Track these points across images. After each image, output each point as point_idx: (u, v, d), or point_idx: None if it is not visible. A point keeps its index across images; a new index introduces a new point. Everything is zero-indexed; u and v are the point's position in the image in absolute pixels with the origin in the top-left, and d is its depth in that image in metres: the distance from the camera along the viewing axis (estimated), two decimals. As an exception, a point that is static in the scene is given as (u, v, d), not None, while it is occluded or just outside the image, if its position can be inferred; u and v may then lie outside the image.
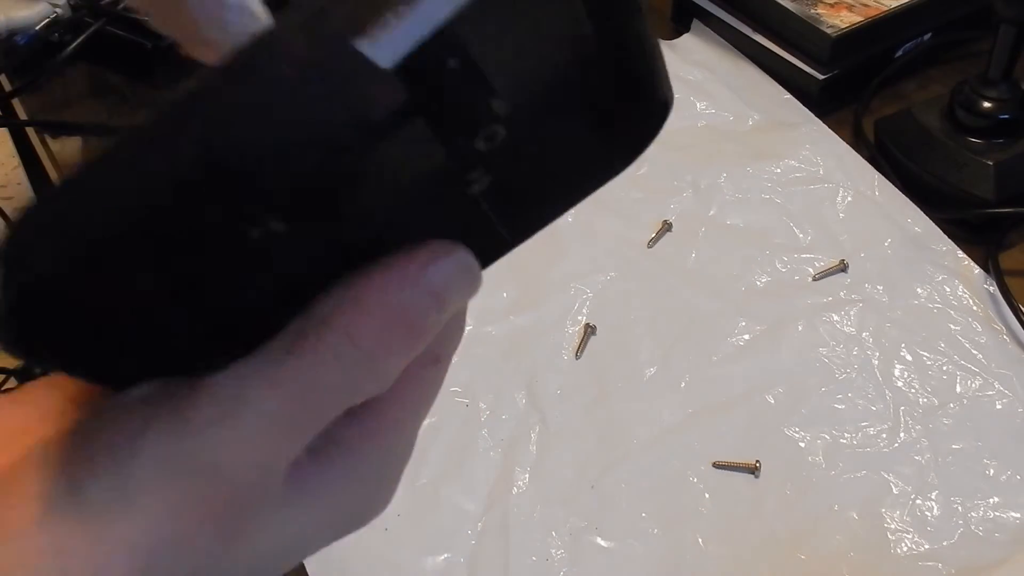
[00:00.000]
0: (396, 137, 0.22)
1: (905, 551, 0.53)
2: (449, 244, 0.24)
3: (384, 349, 0.23)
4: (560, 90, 0.24)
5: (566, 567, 0.53)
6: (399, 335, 0.23)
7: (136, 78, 0.83)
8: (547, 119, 0.25)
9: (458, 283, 0.24)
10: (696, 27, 0.86)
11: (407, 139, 0.22)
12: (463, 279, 0.24)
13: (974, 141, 0.70)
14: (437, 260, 0.23)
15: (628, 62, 0.25)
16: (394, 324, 0.23)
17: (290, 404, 0.22)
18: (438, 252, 0.23)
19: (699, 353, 0.62)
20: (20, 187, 1.76)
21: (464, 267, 0.24)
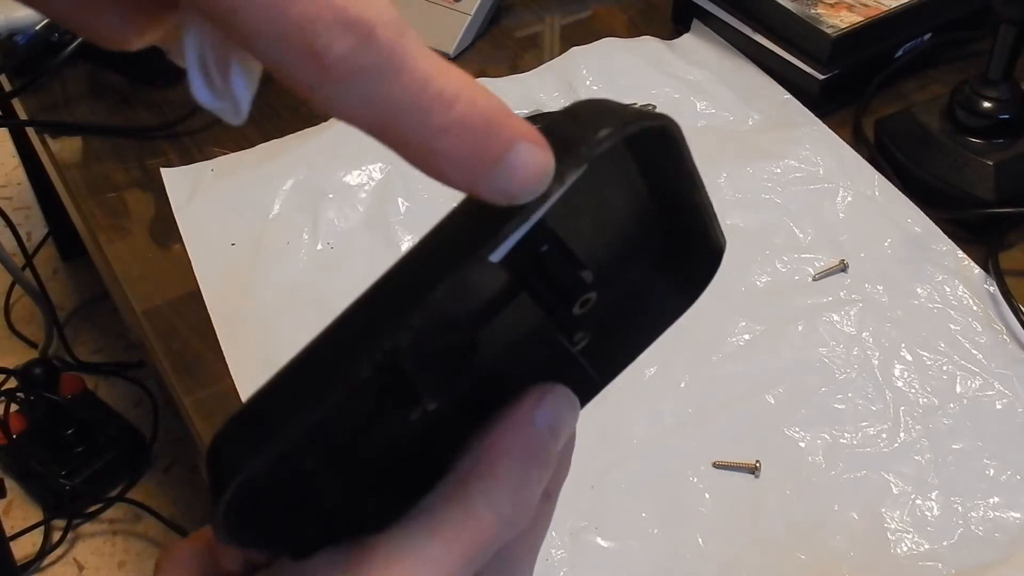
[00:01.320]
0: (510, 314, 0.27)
1: (905, 551, 0.53)
2: (550, 384, 0.29)
3: (523, 481, 0.27)
4: (636, 255, 0.30)
5: (566, 567, 0.53)
6: (532, 466, 0.27)
7: (136, 78, 0.83)
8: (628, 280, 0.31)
9: (564, 413, 0.29)
10: (696, 27, 0.86)
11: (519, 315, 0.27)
12: (567, 409, 0.29)
13: (974, 141, 0.70)
14: (544, 398, 0.28)
15: (688, 226, 0.30)
16: (526, 457, 0.27)
17: (451, 546, 0.25)
18: (544, 392, 0.28)
19: (699, 353, 0.62)
20: (20, 187, 1.76)
21: (567, 398, 0.29)
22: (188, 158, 0.76)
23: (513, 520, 0.27)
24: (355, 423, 0.26)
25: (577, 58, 0.82)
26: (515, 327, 0.29)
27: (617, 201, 0.28)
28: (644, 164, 0.28)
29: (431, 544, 0.25)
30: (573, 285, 0.26)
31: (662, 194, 0.29)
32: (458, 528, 0.26)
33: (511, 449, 0.27)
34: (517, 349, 0.28)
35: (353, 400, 0.23)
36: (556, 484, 0.31)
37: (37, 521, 1.36)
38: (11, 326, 1.59)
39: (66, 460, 1.36)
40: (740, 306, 0.64)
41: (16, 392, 1.37)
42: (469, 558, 0.26)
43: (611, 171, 0.27)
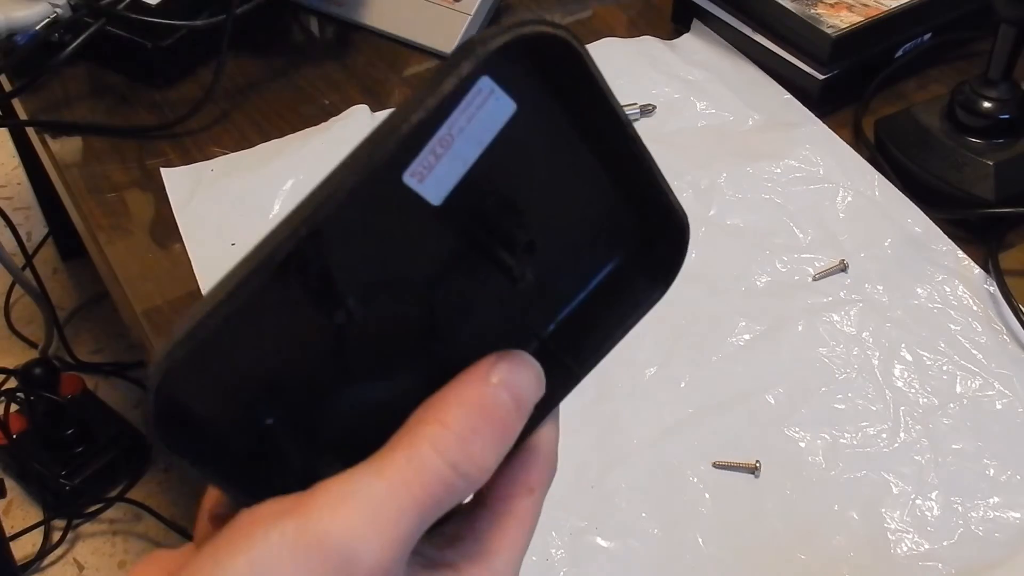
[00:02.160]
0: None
1: (905, 551, 0.53)
2: (509, 350, 0.28)
3: (473, 430, 0.26)
4: (580, 215, 0.30)
5: (566, 567, 0.53)
6: (484, 420, 0.27)
7: (136, 78, 0.83)
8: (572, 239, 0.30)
9: (523, 376, 0.28)
10: (696, 27, 0.86)
11: (484, 294, 0.28)
12: (526, 373, 0.28)
13: (974, 141, 0.70)
14: (502, 359, 0.28)
15: (635, 183, 0.30)
16: (478, 410, 0.27)
17: (397, 489, 0.25)
18: (503, 354, 0.28)
19: (699, 353, 0.62)
20: (20, 187, 1.76)
21: (526, 363, 0.28)
22: (188, 158, 0.76)
23: (463, 470, 0.26)
24: (285, 337, 0.26)
25: (577, 58, 0.82)
26: (482, 309, 0.29)
27: (548, 150, 0.28)
28: (561, 98, 0.28)
29: (374, 484, 0.25)
30: (515, 234, 0.27)
31: (592, 140, 0.29)
32: (403, 469, 0.25)
33: (461, 400, 0.27)
34: (486, 339, 0.28)
35: (268, 296, 0.24)
36: (538, 480, 0.30)
37: (37, 521, 1.36)
38: (11, 326, 1.59)
39: (66, 460, 1.36)
40: (740, 306, 0.64)
41: (16, 392, 1.37)
42: (416, 500, 0.25)
43: (530, 108, 0.27)
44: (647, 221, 0.32)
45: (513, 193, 0.28)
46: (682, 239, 0.32)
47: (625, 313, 0.32)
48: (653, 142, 0.29)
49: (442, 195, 0.26)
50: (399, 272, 0.27)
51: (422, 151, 0.25)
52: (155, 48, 0.80)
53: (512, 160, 0.27)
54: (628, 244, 0.32)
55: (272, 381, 0.26)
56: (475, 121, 0.25)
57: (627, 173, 0.30)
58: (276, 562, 0.23)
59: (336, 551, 0.24)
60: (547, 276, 0.30)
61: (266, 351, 0.26)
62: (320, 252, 0.25)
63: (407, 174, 0.25)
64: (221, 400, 0.26)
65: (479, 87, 0.25)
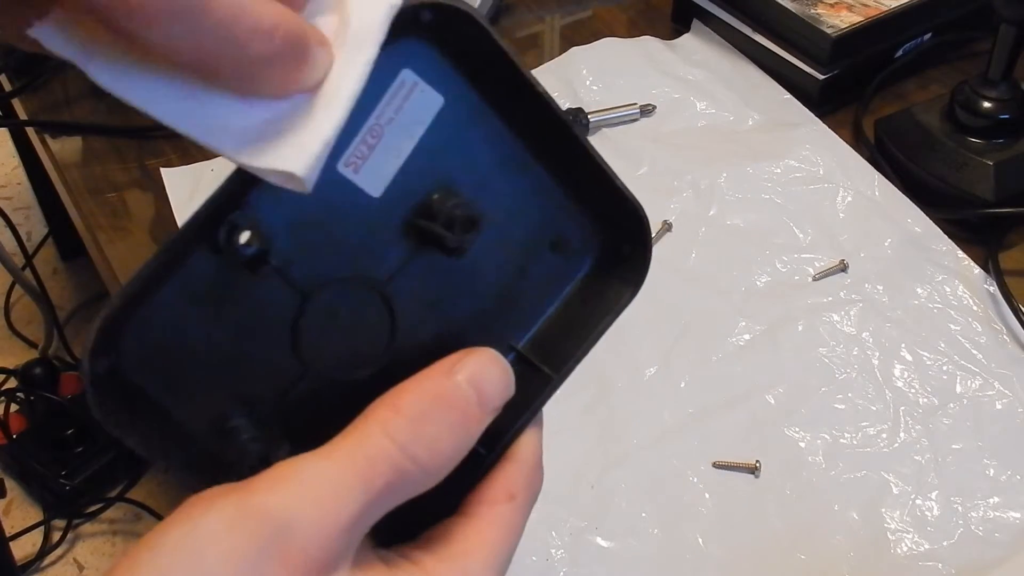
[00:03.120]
0: (407, 259, 0.28)
1: (905, 551, 0.53)
2: (478, 347, 0.28)
3: (424, 416, 0.26)
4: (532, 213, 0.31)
5: (566, 567, 0.53)
6: (438, 407, 0.26)
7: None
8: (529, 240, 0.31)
9: (489, 371, 0.27)
10: (696, 27, 0.86)
11: (416, 261, 0.28)
12: (493, 368, 0.28)
13: (974, 141, 0.70)
14: (468, 354, 0.27)
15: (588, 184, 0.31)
16: (432, 399, 0.26)
17: (341, 467, 0.24)
18: (470, 351, 0.28)
19: (699, 353, 0.62)
20: (20, 187, 1.76)
21: (493, 359, 0.28)
22: (188, 158, 0.76)
23: (412, 452, 0.25)
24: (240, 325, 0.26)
25: (577, 58, 0.82)
26: (446, 309, 0.30)
27: (485, 143, 0.29)
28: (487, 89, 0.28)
29: (319, 464, 0.25)
30: (453, 211, 0.28)
31: (528, 131, 0.30)
32: (350, 450, 0.25)
33: (418, 388, 0.26)
34: (457, 345, 0.29)
35: (204, 266, 0.25)
36: (519, 487, 0.30)
37: (37, 521, 1.36)
38: (11, 326, 1.59)
39: (66, 460, 1.36)
40: (740, 306, 0.64)
41: (16, 392, 1.37)
42: (361, 479, 0.24)
43: (459, 102, 0.28)
44: (605, 218, 0.32)
45: (456, 185, 0.28)
46: (640, 231, 0.32)
47: (599, 317, 0.32)
48: (653, 142, 0.30)
49: (381, 187, 0.27)
50: (351, 265, 0.28)
51: (353, 141, 0.26)
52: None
53: (450, 154, 0.28)
54: (594, 246, 0.33)
55: (230, 372, 0.27)
56: (403, 113, 0.27)
57: (572, 166, 0.30)
58: (211, 534, 0.23)
59: (271, 523, 0.23)
60: (515, 283, 0.31)
61: (221, 339, 0.26)
62: (251, 225, 0.25)
63: (341, 163, 0.26)
64: (178, 387, 0.26)
65: (401, 79, 0.26)
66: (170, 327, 0.25)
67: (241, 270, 0.26)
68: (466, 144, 0.28)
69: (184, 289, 0.25)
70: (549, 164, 0.30)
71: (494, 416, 0.28)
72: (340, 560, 0.25)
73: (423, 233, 0.28)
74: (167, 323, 0.25)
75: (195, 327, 0.26)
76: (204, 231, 0.25)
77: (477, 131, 0.29)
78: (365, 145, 0.26)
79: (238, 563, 0.23)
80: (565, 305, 0.33)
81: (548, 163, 0.30)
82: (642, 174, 0.73)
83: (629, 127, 0.77)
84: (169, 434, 0.26)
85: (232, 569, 0.23)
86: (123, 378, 0.25)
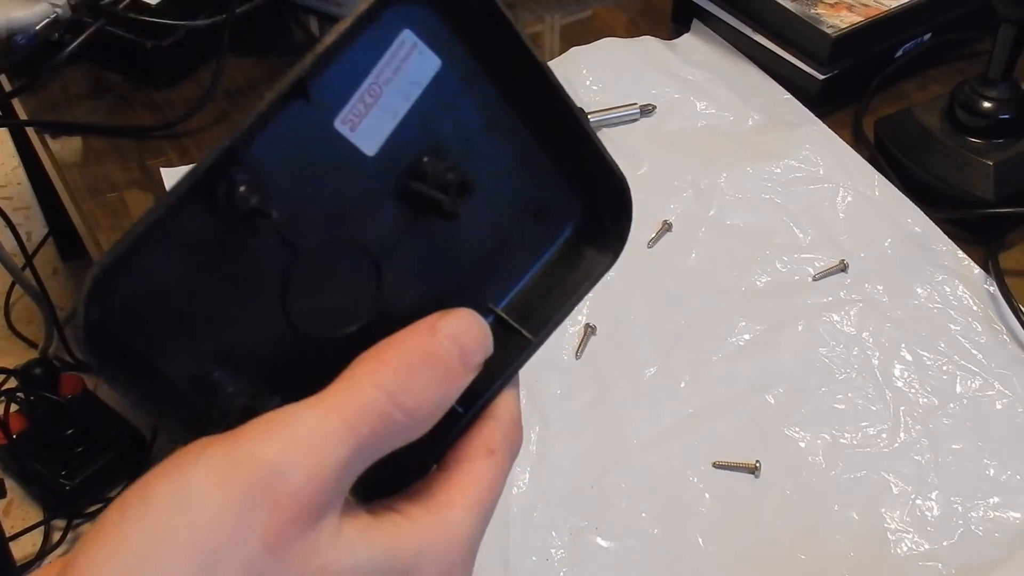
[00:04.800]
0: (397, 219, 0.28)
1: (905, 551, 0.53)
2: (457, 307, 0.29)
3: (411, 368, 0.26)
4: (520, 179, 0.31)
5: (566, 567, 0.53)
6: (424, 360, 0.27)
7: (136, 78, 0.83)
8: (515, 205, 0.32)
9: (470, 329, 0.28)
10: (696, 27, 0.86)
11: (406, 222, 0.29)
12: (474, 327, 0.28)
13: (974, 141, 0.70)
14: (448, 314, 0.28)
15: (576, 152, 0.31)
16: (418, 352, 0.27)
17: (329, 415, 0.25)
18: (448, 311, 0.28)
19: (699, 353, 0.62)
20: (20, 187, 1.76)
21: (472, 317, 0.29)
22: (188, 158, 0.76)
23: (400, 400, 0.26)
24: (231, 280, 0.26)
25: (577, 58, 0.82)
26: (431, 270, 0.30)
27: (478, 109, 0.30)
28: (485, 54, 0.29)
29: (307, 413, 0.25)
30: (445, 173, 0.28)
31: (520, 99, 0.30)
32: (338, 398, 0.25)
33: (403, 343, 0.27)
34: (439, 306, 0.29)
35: (200, 221, 0.25)
36: (499, 442, 0.30)
37: (37, 521, 1.36)
38: (11, 326, 1.59)
39: (66, 460, 1.36)
40: (740, 306, 0.64)
41: (16, 392, 1.37)
42: (349, 426, 0.25)
43: (455, 65, 0.28)
44: (590, 188, 0.32)
45: (446, 149, 0.29)
46: (624, 203, 0.32)
47: (577, 282, 0.33)
48: (653, 142, 0.30)
49: (376, 146, 0.27)
50: (343, 223, 0.28)
51: (351, 99, 0.26)
52: (155, 48, 0.80)
53: (442, 117, 0.28)
54: (576, 214, 0.33)
55: (216, 326, 0.27)
56: (401, 74, 0.27)
57: (560, 134, 0.31)
58: (202, 484, 0.23)
59: (262, 470, 0.23)
60: (497, 247, 0.31)
61: (210, 293, 0.26)
62: (250, 180, 0.25)
63: (338, 121, 0.26)
64: (164, 338, 0.26)
65: (402, 39, 0.27)
66: (161, 279, 0.25)
67: (238, 225, 0.26)
68: (459, 108, 0.29)
69: (178, 242, 0.25)
70: (537, 131, 0.31)
71: (475, 373, 0.28)
72: (330, 506, 0.25)
73: (417, 195, 0.28)
74: (159, 275, 0.25)
75: (185, 280, 0.26)
76: (202, 185, 0.25)
77: (470, 95, 0.29)
78: (363, 104, 0.27)
79: (230, 511, 0.23)
80: (544, 270, 0.33)
81: (536, 130, 0.31)
82: (642, 174, 0.73)
83: (629, 127, 0.77)
84: (156, 385, 0.26)
85: (224, 517, 0.23)
86: (114, 327, 0.25)
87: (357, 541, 0.25)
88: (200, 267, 0.26)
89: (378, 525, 0.26)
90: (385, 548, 0.26)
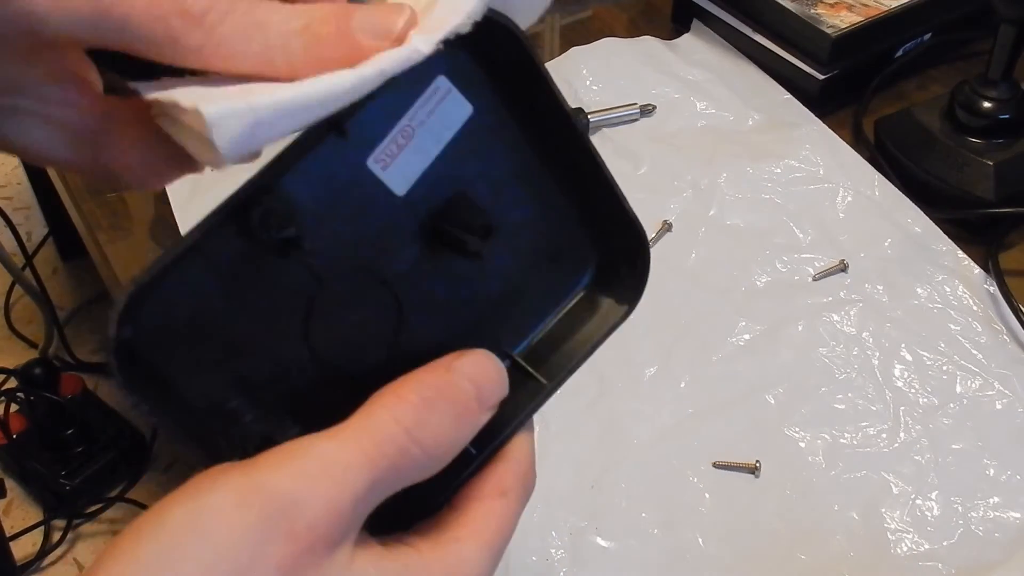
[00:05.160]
0: (421, 258, 0.29)
1: (905, 551, 0.53)
2: (475, 349, 0.29)
3: (429, 404, 0.27)
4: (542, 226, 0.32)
5: (566, 567, 0.53)
6: (441, 397, 0.27)
7: (136, 78, 0.83)
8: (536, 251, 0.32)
9: (487, 370, 0.29)
10: (696, 27, 0.86)
11: (430, 261, 0.29)
12: (491, 368, 0.29)
13: (974, 141, 0.70)
14: (465, 354, 0.29)
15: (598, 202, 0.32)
16: (435, 390, 0.27)
17: (348, 447, 0.25)
18: (465, 351, 0.29)
19: (699, 353, 0.62)
20: (20, 187, 1.76)
21: (489, 359, 0.29)
22: (188, 158, 0.76)
23: (417, 435, 0.26)
24: (258, 307, 0.27)
25: (577, 58, 0.82)
26: (451, 310, 0.31)
27: (507, 156, 0.30)
28: (516, 104, 0.30)
29: (325, 444, 0.25)
30: (470, 218, 0.29)
31: (548, 147, 0.31)
32: (356, 431, 0.26)
33: (422, 380, 0.27)
34: (457, 347, 0.29)
35: (233, 246, 0.26)
36: (512, 484, 0.31)
37: (37, 521, 1.36)
38: (11, 326, 1.59)
39: (66, 460, 1.36)
40: (740, 306, 0.64)
41: (16, 392, 1.37)
42: (367, 458, 0.25)
43: (487, 112, 0.29)
44: (609, 239, 0.33)
45: (473, 193, 0.30)
46: (642, 255, 0.33)
47: (594, 331, 0.34)
48: (653, 142, 0.30)
49: (406, 186, 0.28)
50: (369, 259, 0.29)
51: (385, 139, 0.27)
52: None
53: (472, 162, 0.29)
54: (594, 264, 0.34)
55: (239, 353, 0.27)
56: (434, 118, 0.28)
57: (584, 183, 0.32)
58: (217, 511, 0.23)
59: (278, 500, 0.24)
60: (515, 293, 0.32)
61: (235, 319, 0.27)
62: (285, 210, 0.26)
63: (371, 159, 0.27)
64: (187, 362, 0.27)
65: (436, 84, 0.28)
66: (192, 301, 0.26)
67: (267, 253, 0.26)
68: (488, 153, 0.30)
69: (210, 265, 0.25)
70: (562, 180, 0.32)
71: (492, 413, 0.29)
72: (344, 538, 0.25)
73: (443, 235, 0.29)
74: (190, 297, 0.26)
75: (214, 304, 0.26)
76: (237, 212, 0.26)
77: (500, 142, 0.30)
78: (395, 144, 0.27)
79: (244, 539, 0.23)
80: (561, 317, 0.34)
81: (561, 179, 0.32)
82: (642, 174, 0.73)
83: (629, 127, 0.77)
84: (178, 408, 0.27)
85: (238, 545, 0.23)
86: (142, 347, 0.26)
87: (370, 571, 0.26)
88: (229, 292, 0.26)
89: (391, 556, 0.27)
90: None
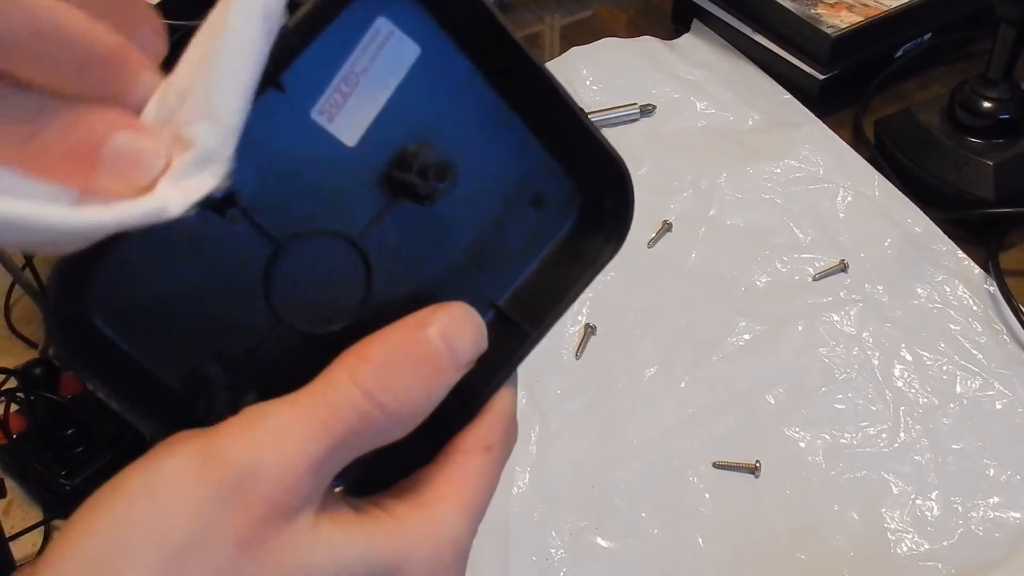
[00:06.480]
0: (382, 211, 0.28)
1: (905, 551, 0.53)
2: (450, 302, 0.27)
3: (392, 365, 0.25)
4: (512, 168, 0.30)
5: (566, 567, 0.53)
6: (407, 357, 0.26)
7: None
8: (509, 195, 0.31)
9: (460, 326, 0.27)
10: (696, 27, 0.86)
11: (392, 214, 0.28)
12: (465, 322, 0.27)
13: (974, 141, 0.70)
14: (440, 308, 0.27)
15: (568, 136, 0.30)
16: (401, 349, 0.26)
17: (306, 414, 0.24)
18: (441, 305, 0.27)
19: (699, 353, 0.62)
20: (20, 187, 1.75)
21: (465, 313, 0.27)
22: (188, 158, 0.76)
23: (379, 399, 0.25)
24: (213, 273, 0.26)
25: (577, 58, 0.82)
26: (422, 265, 0.30)
27: (463, 96, 0.29)
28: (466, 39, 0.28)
29: (283, 411, 0.24)
30: (427, 161, 0.28)
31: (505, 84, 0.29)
32: (315, 397, 0.25)
33: (388, 338, 0.26)
34: (435, 301, 0.28)
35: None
36: (496, 439, 0.29)
37: (37, 521, 1.35)
38: (11, 326, 1.59)
39: (66, 460, 1.35)
40: (740, 306, 0.64)
41: (16, 392, 1.36)
42: (325, 425, 0.24)
43: (436, 52, 0.27)
44: (588, 174, 0.31)
45: (434, 139, 0.28)
46: (624, 185, 0.31)
47: (579, 273, 0.32)
48: (653, 142, 0.30)
49: (356, 136, 0.27)
50: (327, 215, 0.27)
51: (327, 89, 0.26)
52: (155, 48, 0.80)
53: (427, 106, 0.28)
54: (576, 203, 0.32)
55: (202, 322, 0.26)
56: (378, 62, 0.26)
57: (552, 121, 0.30)
58: (173, 480, 0.23)
59: (233, 469, 0.23)
60: (496, 241, 0.30)
61: (192, 288, 0.26)
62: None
63: (315, 111, 0.26)
64: (149, 335, 0.26)
65: (376, 27, 0.26)
66: (140, 274, 0.25)
67: (210, 215, 0.25)
68: (444, 96, 0.28)
69: (153, 236, 0.24)
70: (529, 119, 0.30)
71: (466, 370, 0.27)
72: (303, 506, 0.24)
73: (397, 183, 0.28)
74: (137, 269, 0.25)
75: (166, 275, 0.26)
76: None
77: (455, 84, 0.28)
78: (339, 94, 0.26)
79: (199, 509, 0.23)
80: (545, 262, 0.32)
81: (528, 118, 0.30)
82: (642, 174, 0.73)
83: (629, 127, 0.77)
84: (137, 382, 0.26)
85: (193, 515, 0.23)
86: (90, 323, 0.25)
87: (336, 538, 0.25)
88: (177, 260, 0.25)
89: (359, 522, 0.26)
90: (367, 545, 0.26)
